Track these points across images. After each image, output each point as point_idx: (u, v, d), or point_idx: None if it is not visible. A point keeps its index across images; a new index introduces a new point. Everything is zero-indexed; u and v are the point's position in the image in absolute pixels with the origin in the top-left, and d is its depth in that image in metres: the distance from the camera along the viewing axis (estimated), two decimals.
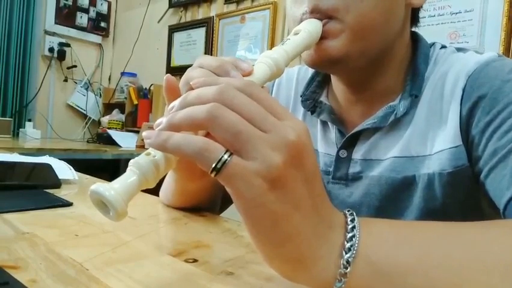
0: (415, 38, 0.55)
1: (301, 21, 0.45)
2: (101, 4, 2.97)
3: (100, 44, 3.01)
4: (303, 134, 0.27)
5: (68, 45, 2.76)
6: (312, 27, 0.44)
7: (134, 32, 2.81)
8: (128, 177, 0.29)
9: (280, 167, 0.25)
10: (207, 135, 0.27)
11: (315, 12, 0.45)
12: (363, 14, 0.45)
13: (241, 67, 0.35)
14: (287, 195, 0.26)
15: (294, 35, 0.43)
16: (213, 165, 0.25)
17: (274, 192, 0.25)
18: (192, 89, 0.30)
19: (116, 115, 2.71)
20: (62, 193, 0.66)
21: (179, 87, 0.38)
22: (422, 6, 0.53)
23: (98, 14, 2.95)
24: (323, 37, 0.45)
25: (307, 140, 0.27)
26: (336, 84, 0.57)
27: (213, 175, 0.26)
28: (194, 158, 0.26)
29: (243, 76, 0.35)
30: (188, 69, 0.36)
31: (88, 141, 2.60)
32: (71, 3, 2.79)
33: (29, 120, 2.54)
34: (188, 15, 2.51)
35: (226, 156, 0.25)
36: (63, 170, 0.80)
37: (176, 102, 0.29)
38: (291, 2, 0.50)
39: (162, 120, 0.28)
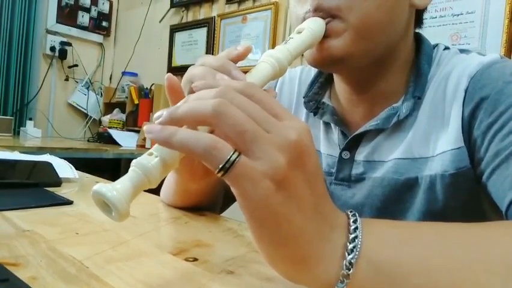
0: (419, 39, 0.55)
1: (304, 19, 0.45)
2: (103, 3, 2.97)
3: (101, 43, 3.01)
4: (304, 134, 0.26)
5: (69, 44, 2.76)
6: (315, 25, 0.44)
7: (135, 31, 2.81)
8: (131, 177, 0.29)
9: (285, 168, 0.25)
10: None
11: (318, 11, 0.45)
12: (366, 14, 0.45)
13: (235, 54, 0.37)
14: (291, 196, 0.26)
15: (297, 34, 0.43)
16: (221, 165, 0.24)
17: (279, 194, 0.25)
18: (193, 91, 0.30)
19: (116, 114, 2.71)
20: (62, 191, 0.66)
21: (181, 85, 0.38)
22: (426, 8, 0.53)
23: (100, 13, 2.96)
24: (326, 36, 0.45)
25: (309, 140, 0.27)
26: (339, 84, 0.57)
27: (219, 175, 0.25)
28: (201, 156, 0.25)
29: (241, 56, 0.37)
30: (190, 68, 0.36)
31: (88, 141, 2.60)
32: (72, 3, 2.80)
33: (30, 119, 2.54)
34: (190, 15, 2.51)
35: (234, 156, 0.24)
36: (63, 168, 0.80)
37: (179, 105, 0.29)
38: (294, 1, 0.50)
39: (162, 113, 0.27)
